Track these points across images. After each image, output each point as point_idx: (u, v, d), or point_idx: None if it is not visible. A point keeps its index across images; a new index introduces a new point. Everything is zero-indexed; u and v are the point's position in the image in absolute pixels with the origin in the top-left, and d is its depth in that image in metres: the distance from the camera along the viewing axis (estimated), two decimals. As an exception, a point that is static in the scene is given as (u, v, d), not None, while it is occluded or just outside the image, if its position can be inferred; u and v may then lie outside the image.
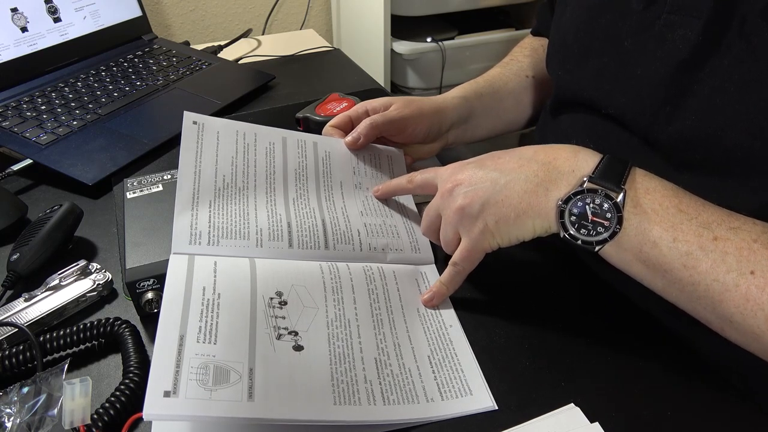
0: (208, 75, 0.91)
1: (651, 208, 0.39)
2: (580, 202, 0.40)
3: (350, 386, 0.39)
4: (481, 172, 0.44)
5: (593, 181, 0.40)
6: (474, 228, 0.44)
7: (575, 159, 0.42)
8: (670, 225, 0.38)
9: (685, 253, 0.37)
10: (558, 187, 0.41)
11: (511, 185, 0.42)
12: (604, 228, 0.39)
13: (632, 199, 0.39)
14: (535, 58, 0.70)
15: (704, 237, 0.37)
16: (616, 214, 0.39)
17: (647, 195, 0.39)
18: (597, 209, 0.39)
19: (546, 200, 0.41)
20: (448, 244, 0.47)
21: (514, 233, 0.43)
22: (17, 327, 0.44)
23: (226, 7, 1.42)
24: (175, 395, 0.34)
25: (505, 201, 0.42)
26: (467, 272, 0.47)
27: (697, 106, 0.42)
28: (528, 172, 0.42)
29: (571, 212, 0.40)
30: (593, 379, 0.42)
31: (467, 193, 0.44)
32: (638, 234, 0.38)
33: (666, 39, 0.44)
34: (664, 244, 0.37)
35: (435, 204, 0.47)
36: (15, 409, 0.38)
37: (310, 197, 0.53)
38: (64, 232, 0.54)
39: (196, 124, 0.52)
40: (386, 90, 0.95)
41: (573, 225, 0.40)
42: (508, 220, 0.42)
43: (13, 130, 0.71)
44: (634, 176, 0.40)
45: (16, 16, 0.82)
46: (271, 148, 0.55)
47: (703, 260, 0.36)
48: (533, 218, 0.42)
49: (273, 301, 0.43)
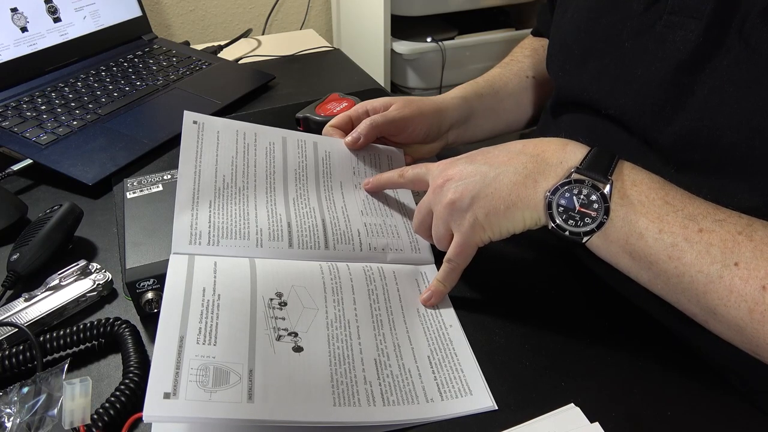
0: (208, 75, 0.91)
1: (637, 199, 0.39)
2: (567, 193, 0.40)
3: (350, 387, 0.39)
4: (471, 166, 0.45)
5: (580, 172, 0.40)
6: (464, 222, 0.44)
7: (563, 151, 0.42)
8: (656, 216, 0.38)
9: (671, 244, 0.37)
10: (546, 178, 0.42)
11: (500, 178, 0.43)
12: (591, 219, 0.40)
13: (619, 190, 0.39)
14: (535, 59, 0.70)
15: (689, 229, 0.37)
16: (603, 204, 0.39)
17: (634, 187, 0.39)
18: (584, 200, 0.40)
19: (534, 192, 0.42)
20: (440, 240, 0.47)
21: (504, 225, 0.43)
22: (17, 327, 0.44)
23: (226, 7, 1.42)
24: (175, 397, 0.34)
25: (495, 194, 0.42)
26: (462, 268, 0.47)
27: (696, 107, 0.43)
28: (517, 164, 0.43)
29: (559, 203, 0.40)
30: (593, 379, 0.42)
31: (457, 187, 0.44)
32: (624, 225, 0.39)
33: (666, 40, 0.44)
34: (650, 236, 0.38)
35: (426, 200, 0.47)
36: (15, 409, 0.38)
37: (310, 197, 0.53)
38: (64, 232, 0.54)
39: (196, 124, 0.52)
40: (386, 90, 0.95)
41: (560, 216, 0.41)
42: (498, 213, 0.42)
43: (13, 130, 0.71)
44: (622, 168, 0.41)
45: (16, 16, 0.82)
46: (271, 148, 0.55)
47: (688, 252, 0.36)
48: (522, 210, 0.42)
49: (273, 302, 0.43)
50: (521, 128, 0.72)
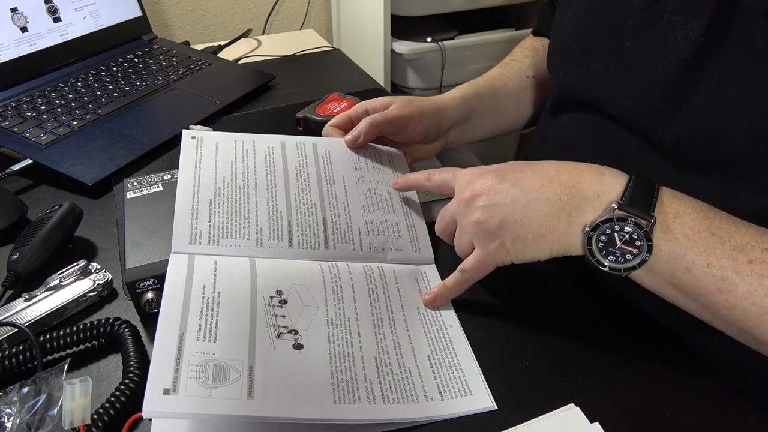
0: (208, 75, 0.91)
1: (682, 233, 0.38)
2: (608, 229, 0.39)
3: (350, 385, 0.39)
4: (501, 185, 0.43)
5: (623, 208, 0.39)
6: (490, 243, 0.43)
7: (600, 182, 0.41)
8: (703, 250, 0.37)
9: (721, 278, 0.36)
10: (582, 213, 0.40)
11: (531, 206, 0.41)
12: (633, 255, 0.38)
13: (662, 225, 0.38)
14: (535, 59, 0.70)
15: (739, 261, 0.36)
16: (646, 243, 0.38)
17: (677, 219, 0.38)
18: (626, 237, 0.38)
19: (568, 226, 0.40)
20: (462, 250, 0.46)
21: (529, 253, 0.42)
22: (17, 327, 0.44)
23: (226, 7, 1.42)
24: (174, 393, 0.34)
25: (524, 222, 0.41)
26: (474, 281, 0.46)
27: (699, 107, 0.42)
28: (550, 193, 0.41)
29: (599, 239, 0.39)
30: (593, 379, 0.42)
31: (485, 207, 0.43)
32: (670, 260, 0.38)
33: (668, 39, 0.44)
34: (698, 270, 0.37)
35: (451, 209, 0.46)
36: (15, 409, 0.38)
37: (312, 192, 0.53)
38: (64, 232, 0.54)
39: (195, 139, 0.53)
40: (386, 90, 0.95)
41: (600, 252, 0.39)
42: (525, 241, 0.42)
43: (13, 130, 0.71)
44: (663, 199, 0.39)
45: (16, 16, 0.82)
46: (270, 152, 0.55)
47: (740, 284, 0.35)
48: (552, 243, 0.41)
49: (273, 300, 0.43)
50: (521, 128, 0.72)
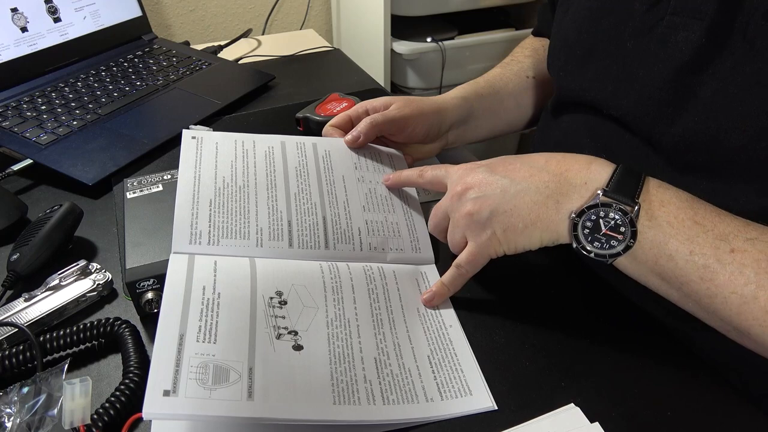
0: (208, 75, 0.91)
1: (666, 221, 0.38)
2: (593, 215, 0.40)
3: (350, 386, 0.39)
4: (491, 177, 0.44)
5: (607, 194, 0.39)
6: (482, 235, 0.43)
7: (588, 170, 0.41)
8: (686, 238, 0.37)
9: (702, 266, 0.36)
10: (569, 199, 0.41)
11: (521, 195, 0.42)
12: (618, 241, 0.39)
13: (647, 212, 0.39)
14: (536, 59, 0.70)
15: (721, 249, 0.36)
16: (630, 228, 0.38)
17: (662, 207, 0.39)
18: (611, 223, 0.39)
19: (556, 213, 0.41)
20: (455, 246, 0.47)
21: (521, 242, 0.43)
22: (17, 327, 0.44)
23: (226, 7, 1.42)
24: (174, 394, 0.34)
25: (514, 211, 0.42)
26: (470, 275, 0.46)
27: (699, 108, 0.42)
28: (539, 182, 0.42)
29: (585, 225, 0.40)
30: (593, 379, 0.42)
31: (476, 199, 0.43)
32: (653, 247, 0.38)
33: (668, 41, 0.44)
34: (681, 258, 0.37)
35: (444, 205, 0.47)
36: (15, 409, 0.38)
37: (312, 192, 0.53)
38: (64, 232, 0.54)
39: (195, 139, 0.53)
40: (386, 90, 0.95)
41: (586, 237, 0.40)
42: (515, 230, 0.42)
43: (13, 130, 0.71)
44: (648, 188, 0.40)
45: (16, 16, 0.82)
46: (270, 152, 0.55)
47: (721, 273, 0.36)
48: (541, 230, 0.42)
49: (273, 301, 0.43)
50: (521, 128, 0.72)
